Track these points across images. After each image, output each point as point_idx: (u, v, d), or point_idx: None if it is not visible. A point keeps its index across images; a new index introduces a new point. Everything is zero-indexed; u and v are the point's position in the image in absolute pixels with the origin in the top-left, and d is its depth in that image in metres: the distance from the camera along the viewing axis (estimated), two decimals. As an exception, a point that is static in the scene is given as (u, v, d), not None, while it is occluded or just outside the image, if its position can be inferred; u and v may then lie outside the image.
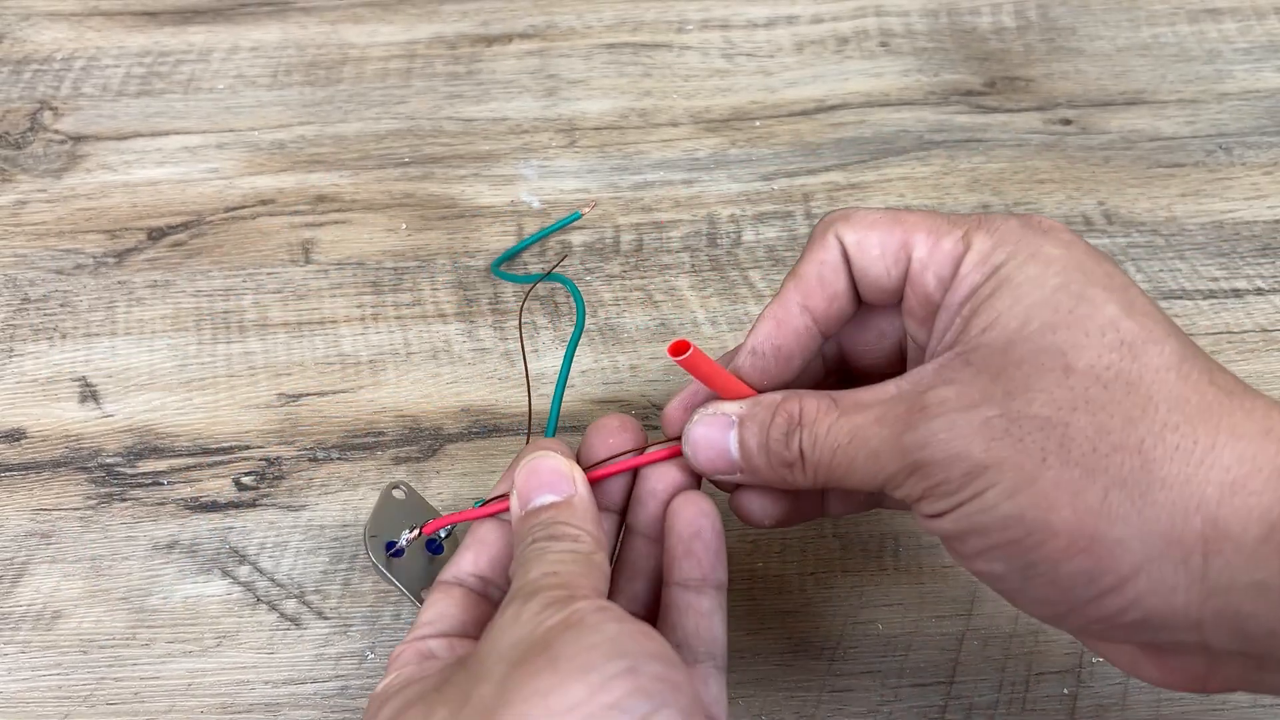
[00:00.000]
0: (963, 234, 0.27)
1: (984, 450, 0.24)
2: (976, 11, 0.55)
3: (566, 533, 0.27)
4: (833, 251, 0.28)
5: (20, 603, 0.37)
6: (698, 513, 0.29)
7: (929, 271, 0.27)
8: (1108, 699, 0.34)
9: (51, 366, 0.43)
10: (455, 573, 0.30)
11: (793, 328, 0.29)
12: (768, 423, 0.28)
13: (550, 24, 0.55)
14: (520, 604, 0.24)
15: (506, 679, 0.23)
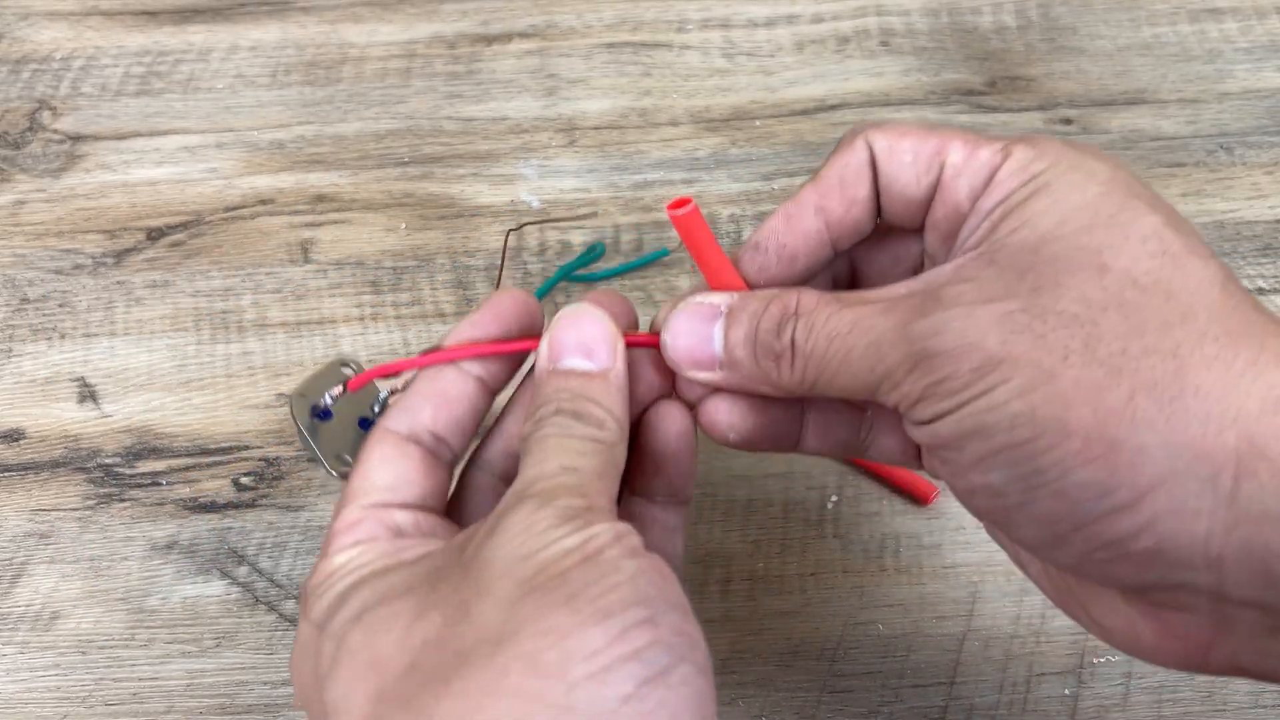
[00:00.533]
0: (1002, 146, 0.25)
1: (1000, 343, 0.22)
2: (978, 11, 0.55)
3: (593, 414, 0.24)
4: (859, 155, 0.26)
5: (19, 603, 0.37)
6: (677, 432, 0.27)
7: (962, 179, 0.25)
8: (1109, 699, 0.34)
9: (50, 367, 0.43)
10: (411, 425, 0.26)
11: (803, 228, 0.26)
12: (759, 313, 0.25)
13: (550, 23, 0.55)
14: (534, 509, 0.22)
15: (517, 605, 0.20)
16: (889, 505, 0.38)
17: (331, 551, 0.24)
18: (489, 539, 0.22)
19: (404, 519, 0.25)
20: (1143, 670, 0.35)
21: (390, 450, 0.26)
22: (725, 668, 0.35)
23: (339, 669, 0.22)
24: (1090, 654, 0.35)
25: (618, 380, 0.25)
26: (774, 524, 0.38)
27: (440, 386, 0.26)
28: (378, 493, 0.25)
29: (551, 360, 0.26)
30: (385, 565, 0.23)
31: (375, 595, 0.22)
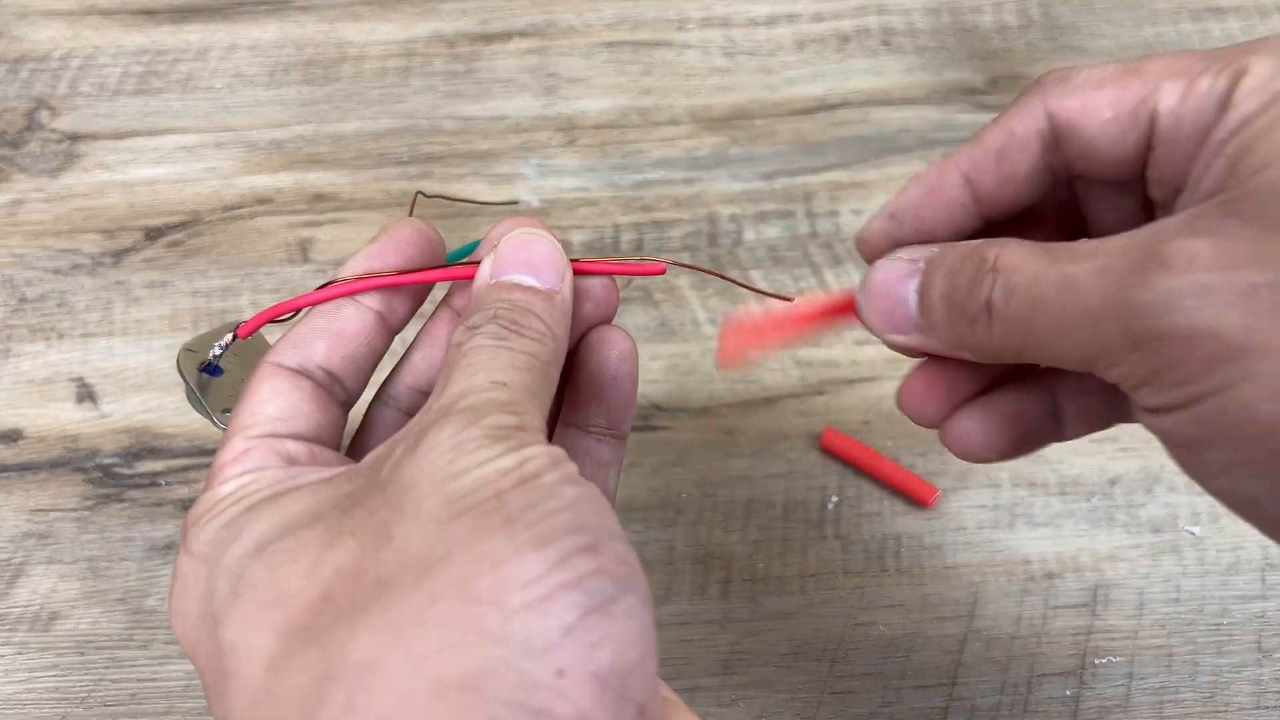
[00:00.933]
0: (1227, 62, 0.20)
1: (1244, 327, 0.17)
2: (979, 10, 0.55)
3: (534, 326, 0.22)
4: (1030, 122, 0.22)
5: (17, 604, 0.37)
6: (618, 356, 0.25)
7: (1186, 123, 0.20)
8: (1111, 700, 0.34)
9: (48, 367, 0.43)
10: (302, 360, 0.24)
11: (945, 199, 0.23)
12: (956, 267, 0.22)
13: (550, 22, 0.55)
14: (462, 425, 0.20)
15: (446, 527, 0.18)
16: (890, 506, 0.38)
17: (216, 483, 0.22)
18: (410, 456, 0.20)
19: (297, 449, 0.23)
20: (1144, 671, 0.35)
21: (281, 383, 0.23)
22: (725, 669, 0.35)
23: (238, 606, 0.19)
24: (1092, 655, 0.35)
25: (564, 305, 0.24)
26: (774, 525, 0.38)
27: (335, 323, 0.24)
28: (267, 424, 0.23)
29: (495, 274, 0.24)
30: (277, 491, 0.21)
31: (274, 526, 0.20)
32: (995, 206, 0.24)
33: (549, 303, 0.23)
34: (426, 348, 0.27)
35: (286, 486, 0.21)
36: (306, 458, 0.23)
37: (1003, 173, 0.23)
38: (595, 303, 0.26)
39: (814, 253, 0.46)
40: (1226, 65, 0.20)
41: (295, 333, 0.25)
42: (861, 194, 0.48)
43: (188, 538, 0.21)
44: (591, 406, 0.26)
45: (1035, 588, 0.36)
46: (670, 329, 0.43)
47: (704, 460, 0.39)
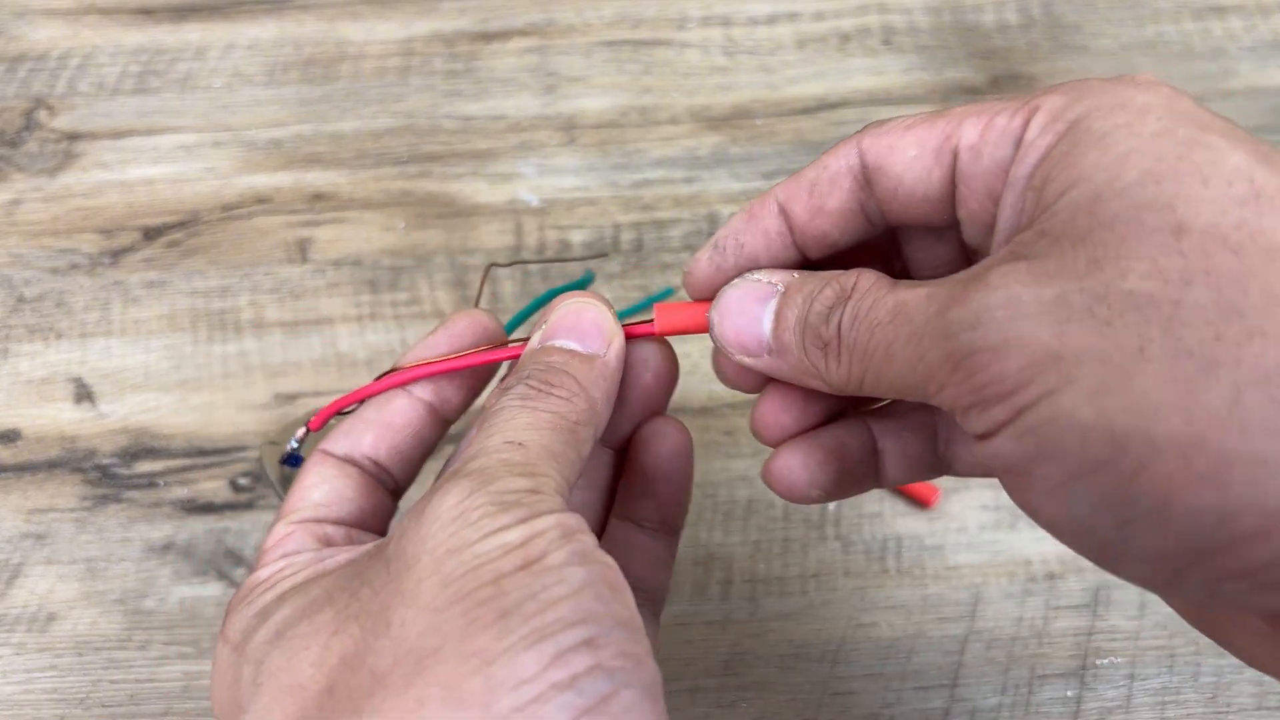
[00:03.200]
0: (1024, 102, 0.21)
1: (1055, 335, 0.17)
2: (980, 8, 0.55)
3: (565, 385, 0.22)
4: (842, 160, 0.23)
5: (15, 604, 0.37)
6: (671, 451, 0.25)
7: (984, 158, 0.21)
8: (1112, 701, 0.34)
9: (47, 367, 0.42)
10: (349, 449, 0.24)
11: (763, 228, 0.24)
12: (815, 293, 0.22)
13: (550, 21, 0.54)
14: (467, 491, 0.19)
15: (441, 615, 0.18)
16: (890, 507, 0.38)
17: (257, 567, 0.22)
18: (415, 526, 0.19)
19: (335, 533, 0.23)
20: (1145, 672, 0.34)
21: (327, 469, 0.24)
22: (726, 669, 0.35)
23: (259, 695, 0.20)
24: (1093, 656, 0.35)
25: (605, 369, 0.23)
26: (775, 525, 0.38)
27: (385, 414, 0.25)
28: (309, 508, 0.23)
29: (541, 343, 0.24)
30: (306, 577, 0.21)
31: (295, 611, 0.20)
32: (808, 239, 0.24)
33: (588, 365, 0.23)
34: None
35: (315, 571, 0.21)
36: (344, 540, 0.23)
37: (813, 205, 0.23)
38: (655, 374, 0.25)
39: (814, 252, 0.45)
40: (1023, 105, 0.21)
41: (347, 422, 0.25)
42: (862, 193, 0.47)
43: (226, 624, 0.22)
44: (643, 501, 0.25)
45: (1036, 588, 0.36)
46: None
47: (704, 460, 0.39)
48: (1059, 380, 0.17)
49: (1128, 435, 0.17)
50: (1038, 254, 0.19)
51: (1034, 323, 0.18)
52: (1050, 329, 0.18)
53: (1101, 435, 0.17)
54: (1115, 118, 0.19)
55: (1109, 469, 0.17)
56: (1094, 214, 0.18)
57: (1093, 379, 0.17)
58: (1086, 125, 0.19)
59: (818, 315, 0.22)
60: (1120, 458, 0.17)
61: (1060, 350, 0.17)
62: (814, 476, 0.24)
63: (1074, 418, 0.17)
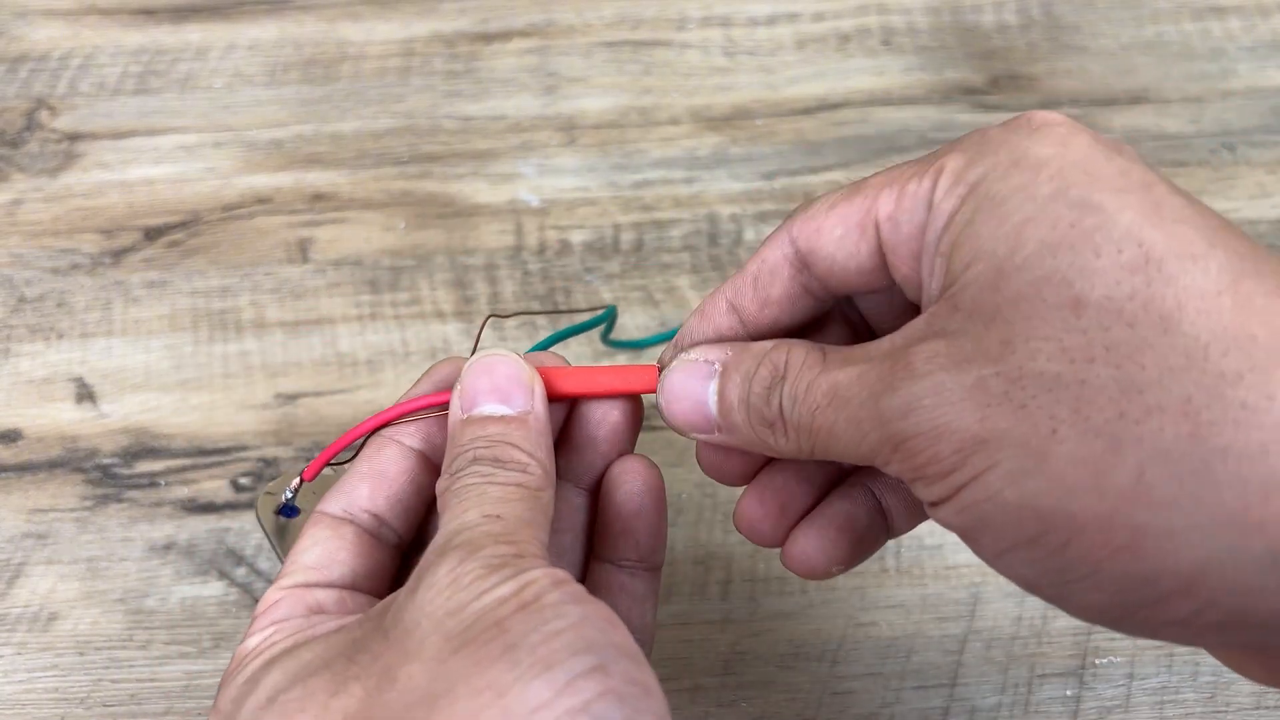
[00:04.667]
0: (930, 164, 0.21)
1: (978, 420, 0.19)
2: (979, 9, 0.55)
3: (514, 458, 0.22)
4: (777, 251, 0.24)
5: (16, 604, 0.37)
6: (642, 488, 0.25)
7: (902, 226, 0.21)
8: (1111, 701, 0.34)
9: (48, 366, 0.43)
10: (346, 505, 0.24)
11: (714, 326, 0.25)
12: (752, 373, 0.23)
13: (550, 21, 0.54)
14: (458, 560, 0.20)
15: (448, 663, 0.18)
16: (890, 506, 0.38)
17: (246, 636, 0.23)
18: (410, 599, 0.20)
19: (326, 598, 0.23)
20: (1145, 672, 0.35)
21: (322, 531, 0.24)
22: (726, 669, 0.35)
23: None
24: (1092, 655, 0.35)
25: (538, 424, 0.23)
26: (775, 525, 0.38)
27: (377, 464, 0.25)
28: (301, 572, 0.23)
29: (465, 409, 0.24)
30: (295, 643, 0.21)
31: (286, 676, 0.20)
32: (761, 328, 0.25)
33: (524, 427, 0.23)
34: None
35: (304, 637, 0.21)
36: (335, 605, 0.23)
37: (759, 298, 0.24)
38: (608, 430, 0.26)
39: (814, 252, 0.46)
40: (929, 167, 0.21)
41: (342, 480, 0.25)
42: (862, 193, 0.47)
43: (217, 699, 0.22)
44: (621, 541, 0.26)
45: (1036, 588, 0.36)
46: (671, 329, 0.43)
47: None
48: (985, 463, 0.19)
49: (1051, 514, 0.18)
50: (953, 331, 0.20)
51: (958, 409, 0.19)
52: (973, 414, 0.19)
53: (1028, 514, 0.18)
54: (1011, 179, 0.20)
55: (1039, 543, 0.18)
56: (998, 290, 0.19)
57: (1013, 462, 0.18)
58: (985, 189, 0.20)
59: (758, 396, 0.23)
60: (1048, 534, 0.18)
61: (984, 434, 0.19)
62: (831, 555, 0.25)
63: (1002, 498, 0.19)
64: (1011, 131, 0.21)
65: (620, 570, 0.26)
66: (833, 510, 0.25)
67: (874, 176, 0.23)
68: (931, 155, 0.22)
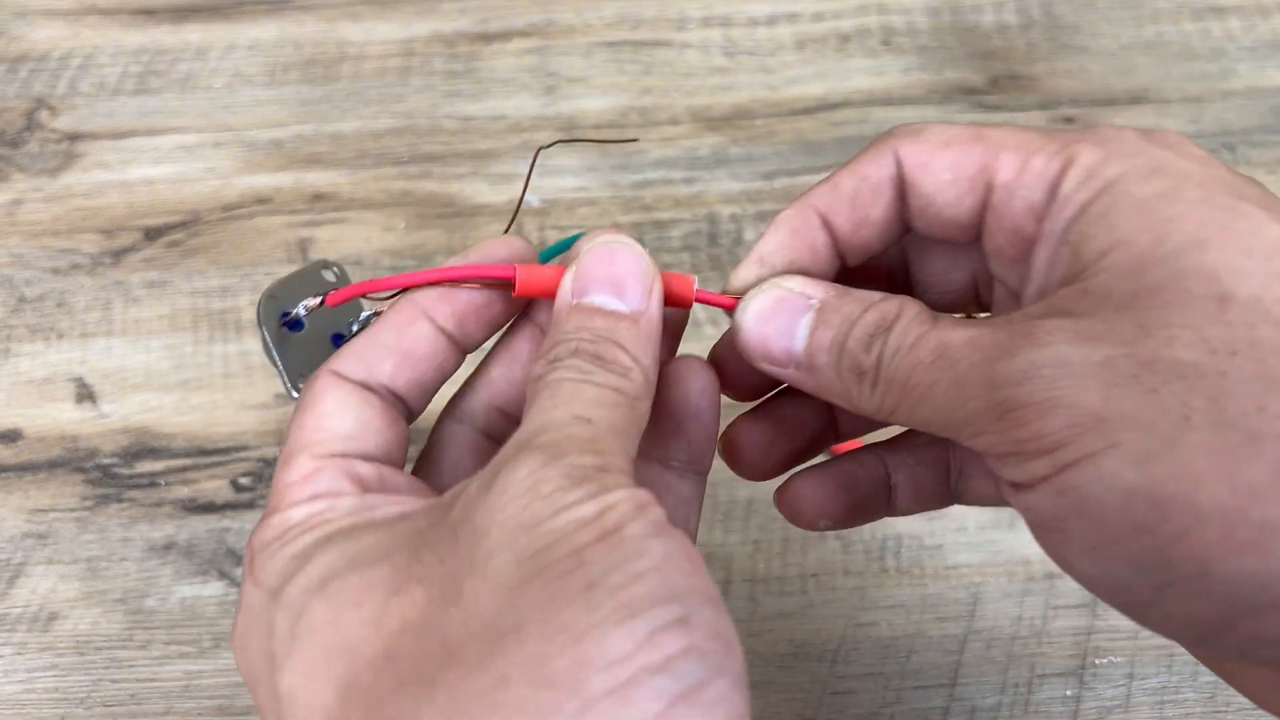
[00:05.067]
0: (1061, 147, 0.21)
1: (1102, 397, 0.18)
2: (979, 9, 0.55)
3: (618, 360, 0.21)
4: (882, 169, 0.22)
5: (16, 604, 0.37)
6: (700, 389, 0.24)
7: (1016, 198, 0.21)
8: (1111, 701, 0.34)
9: (48, 367, 0.43)
10: (367, 375, 0.22)
11: (809, 242, 0.23)
12: (854, 317, 0.22)
13: (550, 21, 0.54)
14: (539, 464, 0.18)
15: (520, 590, 0.17)
16: (890, 506, 0.38)
17: (285, 505, 0.20)
18: (484, 497, 0.18)
19: (367, 472, 0.21)
20: (1145, 672, 0.35)
21: (347, 396, 0.22)
22: (726, 669, 0.35)
23: (298, 650, 0.18)
24: (1092, 655, 0.35)
25: (650, 327, 0.22)
26: (774, 524, 0.38)
27: (406, 341, 0.23)
28: (336, 441, 0.21)
29: (576, 295, 0.22)
30: (354, 524, 0.20)
31: (343, 559, 0.19)
32: (851, 250, 0.24)
33: (634, 327, 0.21)
34: (506, 364, 0.25)
35: (363, 519, 0.20)
36: (376, 482, 0.21)
37: (856, 217, 0.23)
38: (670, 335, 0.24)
39: (814, 252, 0.46)
40: (1059, 150, 0.21)
41: (361, 344, 0.23)
42: (862, 193, 0.47)
43: (255, 565, 0.20)
44: (672, 441, 0.24)
45: (1036, 588, 0.36)
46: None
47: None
48: (1103, 442, 0.18)
49: (1171, 501, 0.17)
50: (1082, 313, 0.19)
51: (1081, 384, 0.18)
52: (1097, 392, 0.18)
53: (1144, 500, 0.18)
54: (1154, 183, 0.20)
55: (1149, 533, 0.18)
56: (1138, 278, 0.19)
57: (1138, 444, 0.18)
58: (1125, 188, 0.20)
59: (858, 342, 0.21)
60: (1162, 523, 0.18)
61: (1105, 414, 0.18)
62: (823, 507, 0.25)
63: (1117, 480, 0.18)
64: (1147, 140, 0.21)
65: (668, 470, 0.24)
66: (838, 468, 0.25)
67: (996, 129, 0.22)
68: (1059, 135, 0.21)
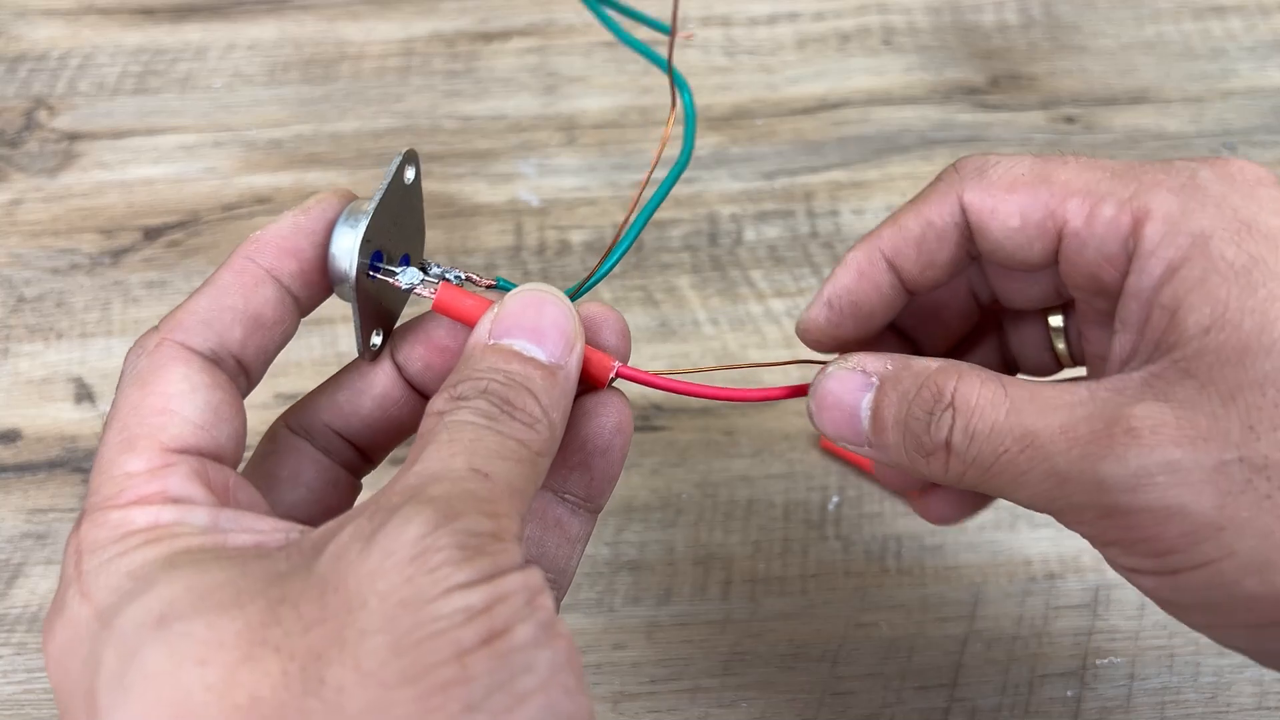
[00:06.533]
0: (1130, 194, 0.20)
1: (1217, 507, 0.18)
2: (980, 8, 0.55)
3: (529, 408, 0.19)
4: (947, 214, 0.22)
5: (15, 604, 0.37)
6: (615, 426, 0.23)
7: (1090, 249, 0.21)
8: (1112, 701, 0.34)
9: (47, 367, 0.43)
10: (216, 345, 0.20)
11: (876, 284, 0.23)
12: (911, 394, 0.21)
13: (549, 21, 0.54)
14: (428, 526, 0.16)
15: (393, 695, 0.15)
16: (891, 506, 0.38)
17: (126, 500, 0.18)
18: (362, 557, 0.16)
19: (219, 477, 0.19)
20: (1146, 672, 0.34)
21: (196, 374, 0.19)
22: (726, 670, 0.35)
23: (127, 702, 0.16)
24: (1093, 656, 0.35)
25: (566, 384, 0.21)
26: (775, 525, 0.38)
27: (254, 304, 0.21)
28: (188, 431, 0.19)
29: (495, 335, 0.21)
30: (203, 547, 0.17)
31: (189, 595, 0.16)
32: (920, 286, 0.24)
33: (550, 380, 0.20)
34: (353, 392, 0.23)
35: (213, 544, 0.18)
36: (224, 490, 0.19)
37: (924, 260, 0.23)
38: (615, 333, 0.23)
39: (814, 252, 0.45)
40: (1129, 199, 0.20)
41: (202, 307, 0.21)
42: (862, 194, 0.47)
43: (83, 571, 0.17)
44: (574, 474, 0.23)
45: (1036, 588, 0.36)
46: (670, 329, 0.43)
47: (704, 460, 0.39)
48: (1219, 551, 0.18)
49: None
50: (1184, 401, 0.19)
51: (1195, 492, 0.18)
52: (1212, 500, 0.18)
53: (1268, 604, 0.18)
54: (1246, 246, 0.19)
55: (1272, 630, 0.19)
56: (1243, 367, 0.18)
57: (1256, 553, 0.18)
58: (1218, 250, 0.19)
59: (917, 422, 0.21)
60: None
61: (1222, 522, 0.18)
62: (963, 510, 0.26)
63: (1239, 587, 0.18)
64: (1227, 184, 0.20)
65: (561, 503, 0.23)
66: None
67: (1063, 166, 0.22)
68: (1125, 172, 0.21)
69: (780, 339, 0.43)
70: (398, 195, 0.23)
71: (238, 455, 0.20)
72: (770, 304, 0.44)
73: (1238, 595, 0.18)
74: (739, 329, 0.43)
